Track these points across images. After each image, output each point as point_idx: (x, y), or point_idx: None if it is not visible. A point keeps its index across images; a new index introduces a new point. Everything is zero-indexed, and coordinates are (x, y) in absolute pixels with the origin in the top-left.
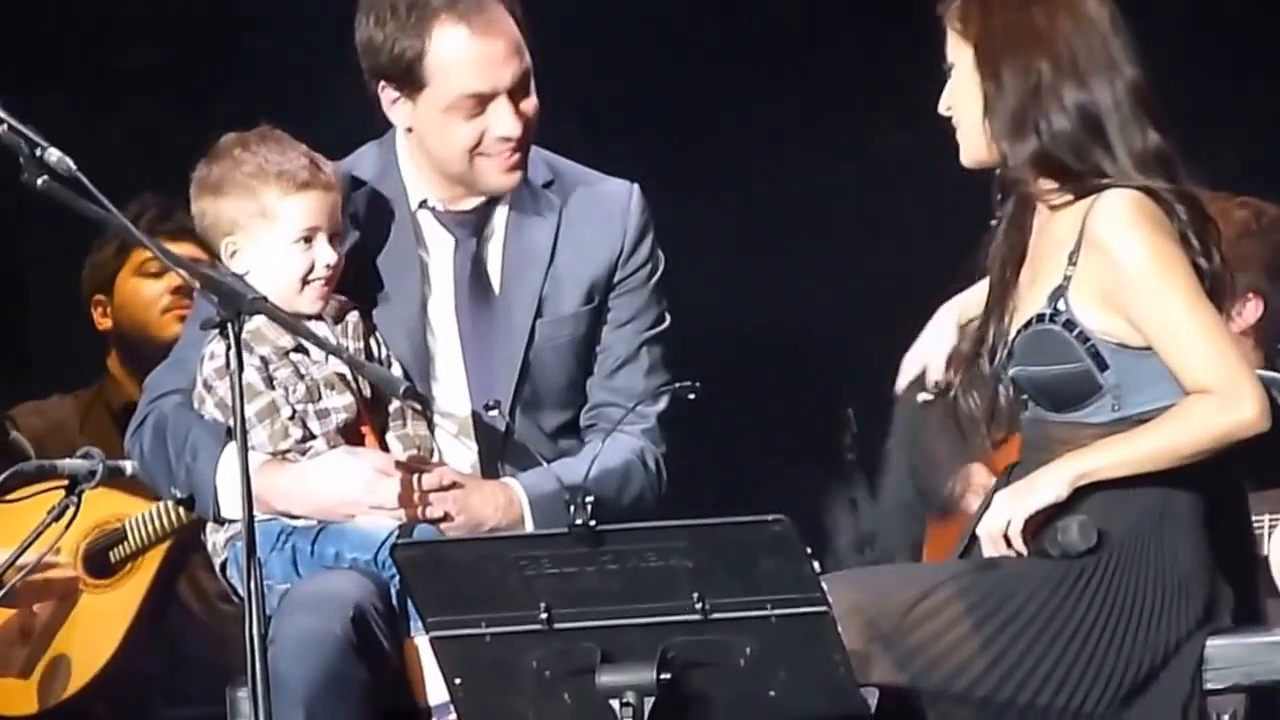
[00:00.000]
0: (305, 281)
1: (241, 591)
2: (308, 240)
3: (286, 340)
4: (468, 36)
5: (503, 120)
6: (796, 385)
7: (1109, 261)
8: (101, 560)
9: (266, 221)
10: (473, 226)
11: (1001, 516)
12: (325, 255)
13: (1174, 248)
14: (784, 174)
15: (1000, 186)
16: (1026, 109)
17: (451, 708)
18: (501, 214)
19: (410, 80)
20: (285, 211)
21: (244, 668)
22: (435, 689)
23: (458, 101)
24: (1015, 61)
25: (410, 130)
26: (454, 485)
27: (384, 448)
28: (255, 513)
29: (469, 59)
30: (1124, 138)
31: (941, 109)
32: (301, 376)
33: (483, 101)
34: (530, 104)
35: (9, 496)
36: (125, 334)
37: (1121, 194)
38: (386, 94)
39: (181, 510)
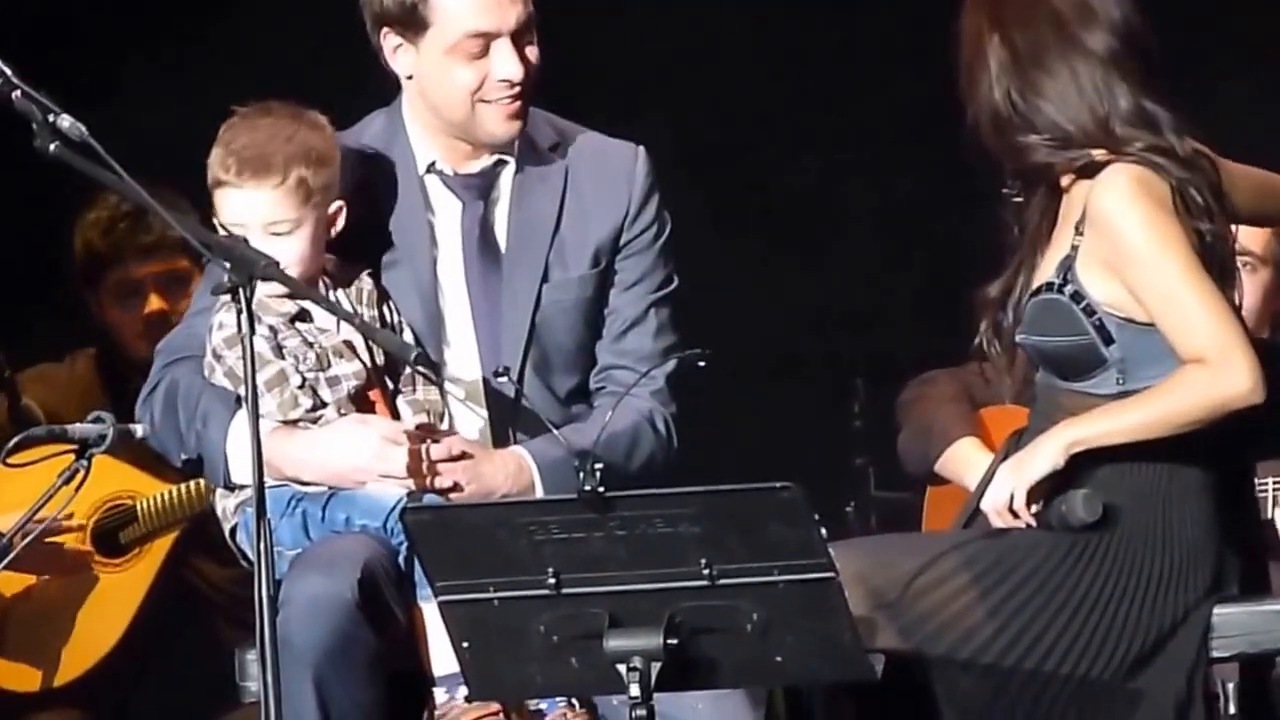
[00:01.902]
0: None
1: (251, 556)
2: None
3: (290, 308)
4: None
5: (505, 62)
6: (805, 353)
7: (1108, 236)
8: (111, 540)
9: (213, 204)
10: (479, 190)
11: (1004, 490)
12: (273, 245)
13: (1171, 221)
14: (800, 147)
15: (1012, 172)
16: (997, 109)
17: (459, 680)
18: (508, 176)
19: (413, 22)
20: (216, 200)
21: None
22: (441, 660)
23: (461, 42)
24: (977, 67)
25: (411, 78)
26: (464, 455)
27: (394, 414)
28: (265, 479)
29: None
30: (1088, 108)
31: None
32: (310, 345)
33: (486, 43)
34: (533, 51)
35: (19, 460)
36: (109, 343)
37: (1121, 169)
38: (389, 41)
39: (195, 495)
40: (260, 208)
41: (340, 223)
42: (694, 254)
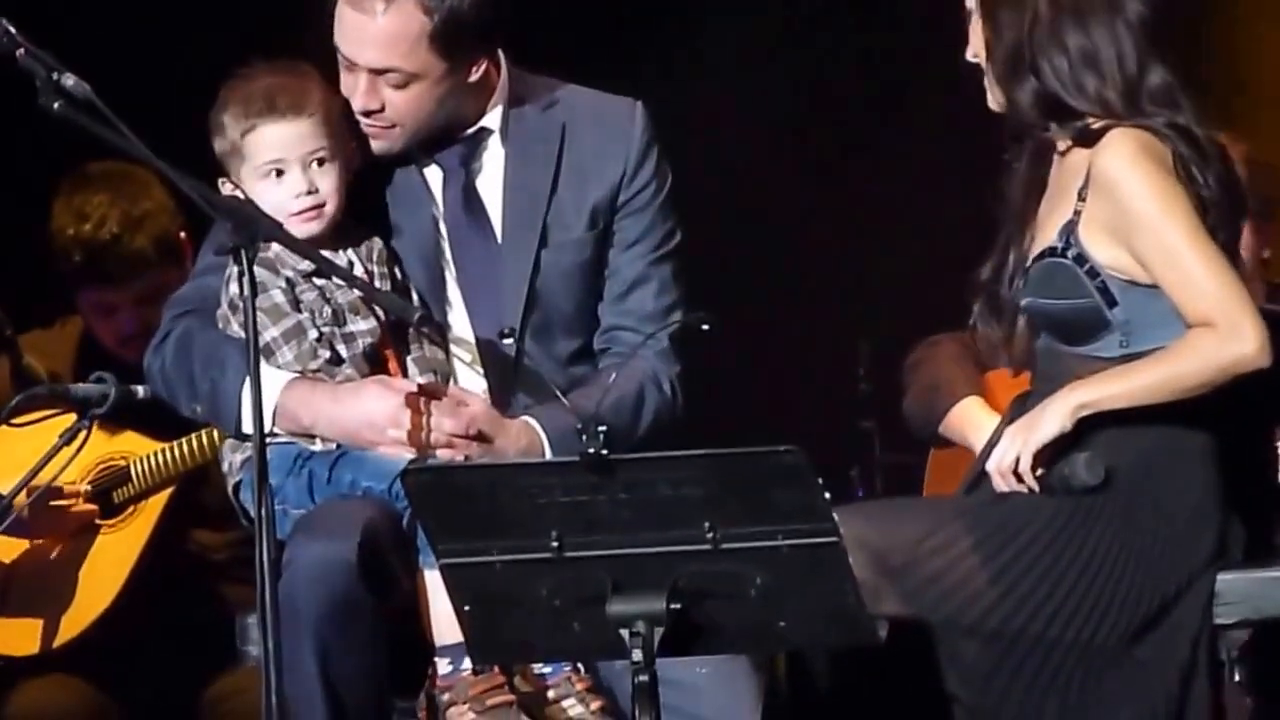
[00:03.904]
0: (288, 211)
1: (253, 514)
2: (279, 173)
3: (306, 264)
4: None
5: (355, 91)
6: (811, 316)
7: (1113, 200)
8: (105, 500)
9: (238, 157)
10: (461, 157)
11: (1010, 453)
12: (294, 185)
13: (1176, 185)
14: (804, 106)
15: (1011, 131)
16: (1023, 51)
17: (463, 651)
18: (495, 142)
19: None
20: (249, 145)
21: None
22: (443, 629)
23: (337, 47)
24: (1012, 4)
25: None
26: (480, 436)
27: (405, 372)
28: (276, 431)
29: (340, 17)
30: (1123, 76)
31: (969, 56)
32: (327, 300)
33: (349, 64)
34: (399, 95)
35: (21, 420)
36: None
37: (1125, 133)
38: None
39: (188, 452)
40: (303, 138)
41: (356, 161)
42: (700, 214)
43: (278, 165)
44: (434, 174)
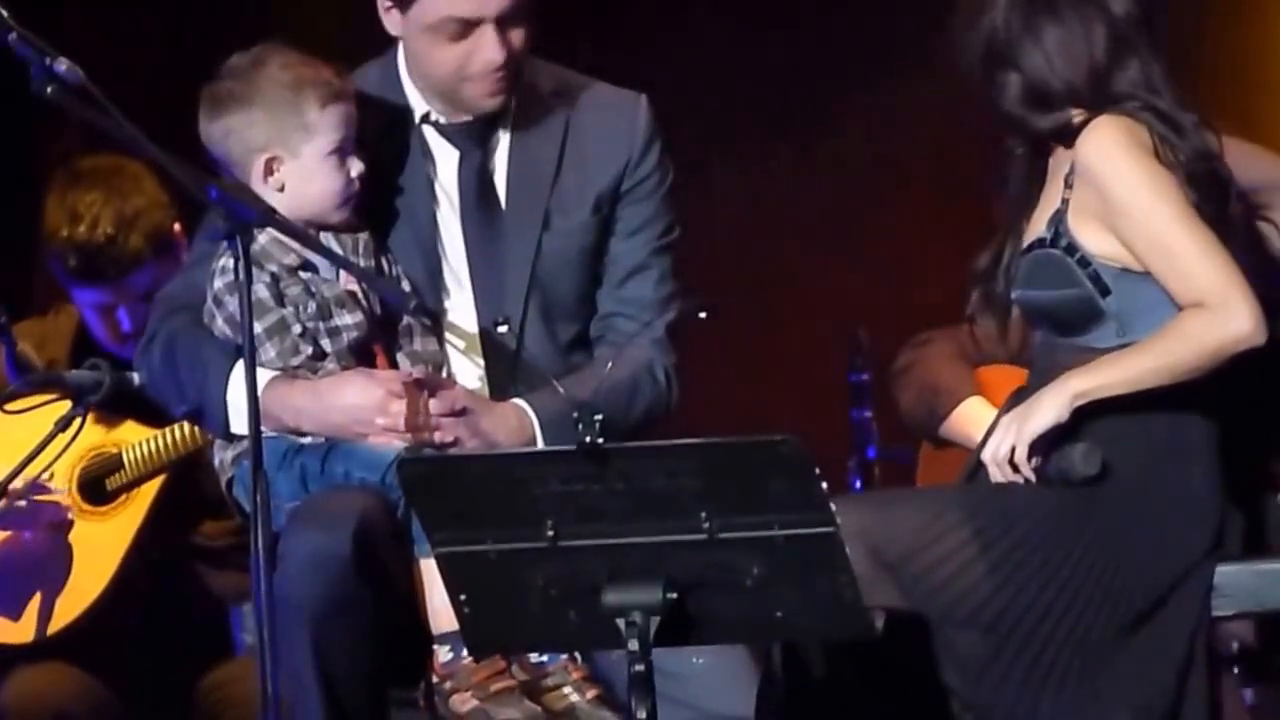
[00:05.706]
0: (344, 193)
1: (248, 509)
2: (343, 151)
3: (292, 259)
4: None
5: (487, 49)
6: (809, 305)
7: (1097, 188)
8: (97, 488)
9: (307, 134)
10: (477, 139)
11: (1005, 443)
12: (357, 165)
13: (1160, 169)
14: (794, 92)
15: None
16: (993, 38)
17: (461, 640)
18: (507, 126)
19: None
20: (324, 123)
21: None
22: (441, 619)
23: (441, 24)
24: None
25: (400, 39)
26: (465, 411)
27: (394, 367)
28: (263, 429)
29: None
30: (1091, 64)
31: (964, 69)
32: (312, 294)
33: (468, 27)
34: (519, 34)
35: (16, 406)
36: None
37: (1107, 120)
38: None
39: (180, 439)
40: (355, 123)
41: None
42: (697, 203)
43: (345, 144)
44: (443, 157)
